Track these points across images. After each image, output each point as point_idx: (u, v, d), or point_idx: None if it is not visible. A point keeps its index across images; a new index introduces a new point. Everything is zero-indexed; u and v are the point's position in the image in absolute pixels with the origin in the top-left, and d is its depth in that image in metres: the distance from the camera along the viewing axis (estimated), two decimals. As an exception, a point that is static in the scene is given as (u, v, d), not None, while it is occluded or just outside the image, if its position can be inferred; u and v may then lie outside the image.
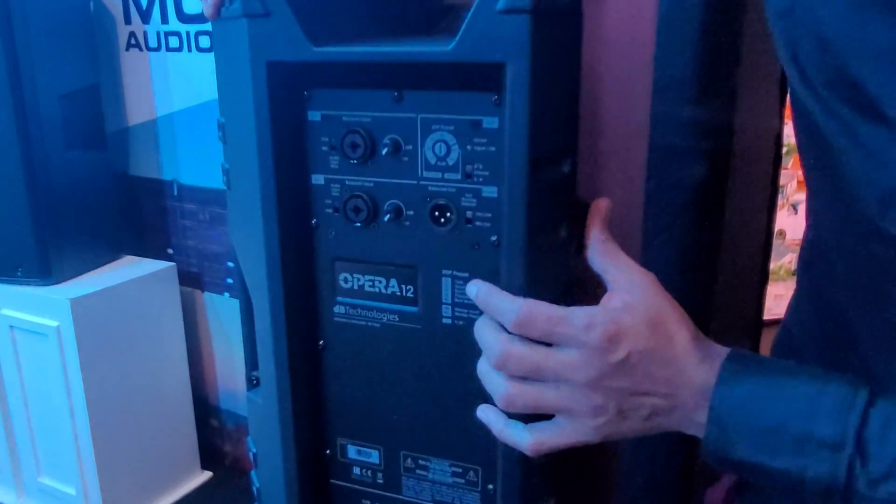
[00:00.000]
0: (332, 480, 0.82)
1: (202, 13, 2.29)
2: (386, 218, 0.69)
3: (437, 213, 0.67)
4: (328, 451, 0.81)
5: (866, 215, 0.57)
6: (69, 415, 2.44)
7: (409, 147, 0.66)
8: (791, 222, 2.92)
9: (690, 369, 0.61)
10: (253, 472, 1.00)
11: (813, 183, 0.70)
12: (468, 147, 0.64)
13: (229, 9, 0.68)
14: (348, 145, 0.68)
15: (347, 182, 0.69)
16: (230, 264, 2.66)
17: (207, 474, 2.90)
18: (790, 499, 0.66)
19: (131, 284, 2.53)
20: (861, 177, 0.57)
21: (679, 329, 0.62)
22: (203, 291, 2.77)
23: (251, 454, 0.99)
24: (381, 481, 0.79)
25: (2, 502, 2.79)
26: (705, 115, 1.34)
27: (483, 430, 0.70)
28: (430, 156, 0.66)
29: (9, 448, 2.71)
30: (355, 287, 0.73)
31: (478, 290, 0.66)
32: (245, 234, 0.80)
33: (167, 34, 2.55)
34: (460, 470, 0.75)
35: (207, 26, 2.44)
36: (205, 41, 2.47)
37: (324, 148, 0.69)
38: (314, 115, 0.69)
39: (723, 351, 0.62)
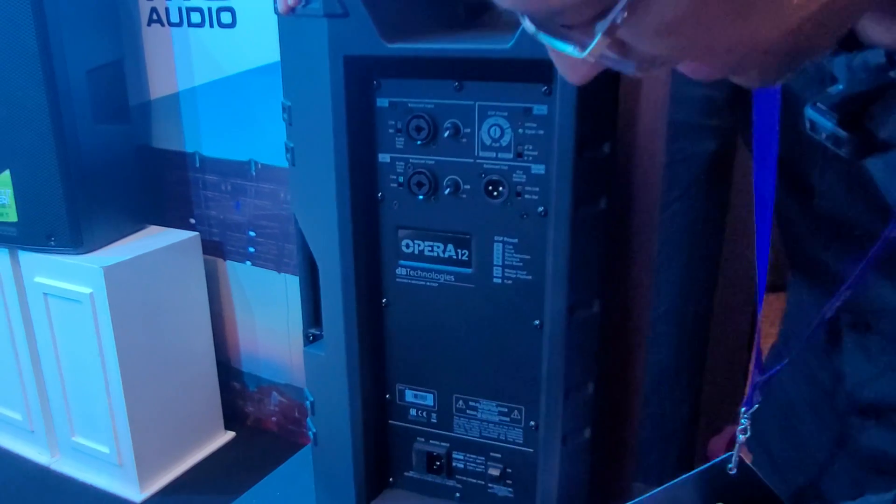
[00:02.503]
0: (390, 421, 0.92)
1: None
2: (446, 191, 0.79)
3: (490, 188, 0.78)
4: (388, 396, 0.91)
5: None
6: (102, 377, 2.54)
7: (468, 130, 0.76)
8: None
9: None
10: (309, 419, 1.10)
11: None
12: (520, 130, 0.74)
13: (307, 8, 0.78)
14: (413, 128, 0.78)
15: (411, 160, 0.80)
16: (251, 233, 2.75)
17: (230, 434, 3.02)
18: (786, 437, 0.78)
19: (158, 253, 2.63)
20: None
21: None
22: (225, 260, 2.87)
23: (308, 403, 1.09)
24: (434, 421, 0.90)
25: (36, 461, 2.89)
26: (716, 92, 1.45)
27: (526, 375, 0.82)
28: (486, 138, 0.76)
29: (42, 410, 2.81)
30: (416, 252, 0.83)
31: None
32: (313, 205, 0.91)
33: (189, 10, 2.62)
34: (506, 409, 0.86)
35: (229, 2, 2.51)
36: (226, 17, 2.54)
37: (390, 130, 0.79)
38: (382, 102, 0.79)
39: None
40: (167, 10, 2.64)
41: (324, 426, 1.05)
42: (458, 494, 0.92)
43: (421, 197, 0.80)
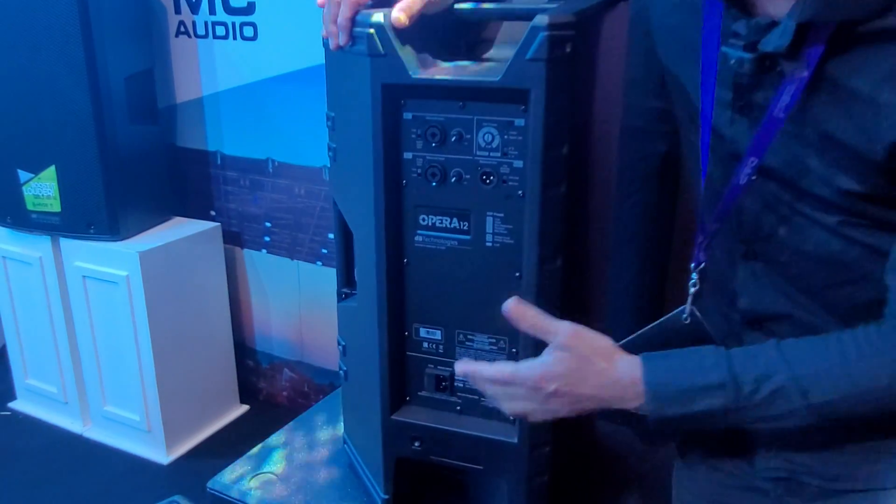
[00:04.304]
0: (407, 353, 1.23)
1: (245, 6, 2.65)
2: (452, 180, 1.10)
3: (484, 177, 1.08)
4: (406, 333, 1.22)
5: None
6: (135, 352, 2.81)
7: (468, 136, 1.07)
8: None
9: (612, 379, 0.97)
10: (340, 361, 1.41)
11: None
12: (505, 136, 1.05)
13: (354, 48, 1.09)
14: (429, 134, 1.09)
15: (427, 157, 1.10)
16: (267, 224, 3.02)
17: (245, 407, 3.31)
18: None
19: (184, 241, 2.91)
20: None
21: (595, 357, 0.98)
22: (243, 248, 3.14)
23: (340, 347, 1.39)
24: (441, 351, 1.20)
25: (69, 430, 3.15)
26: (664, 103, 1.75)
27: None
28: (482, 142, 1.07)
29: (76, 383, 3.07)
30: (430, 224, 1.14)
31: (463, 369, 1.05)
32: (351, 191, 1.22)
33: (214, 24, 2.89)
34: (495, 340, 1.17)
35: (252, 18, 2.79)
36: (249, 31, 2.82)
37: (413, 136, 1.10)
38: (407, 115, 1.10)
39: (635, 358, 0.98)
40: (194, 23, 2.92)
41: (354, 363, 1.36)
42: (458, 407, 1.22)
43: (434, 184, 1.11)
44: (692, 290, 1.09)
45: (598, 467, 1.40)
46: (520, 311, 1.02)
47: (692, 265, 1.10)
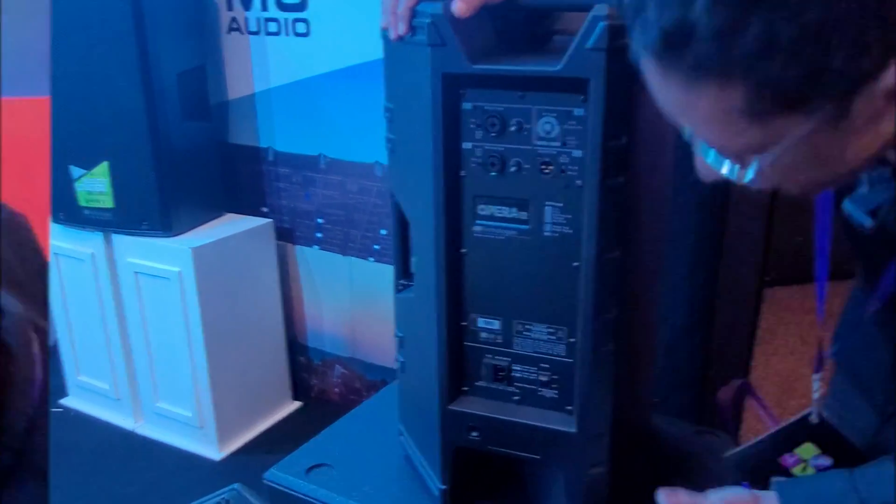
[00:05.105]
0: (465, 343, 1.23)
1: (298, 2, 2.67)
2: (511, 169, 1.10)
3: (543, 167, 1.08)
4: (464, 323, 1.22)
5: None
6: (187, 348, 2.84)
7: (528, 126, 1.07)
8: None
9: None
10: (398, 352, 1.41)
11: None
12: (564, 126, 1.05)
13: (414, 38, 1.09)
14: (489, 124, 1.09)
15: (486, 147, 1.11)
16: (319, 220, 3.04)
17: (298, 404, 3.34)
18: None
19: (236, 238, 2.94)
20: None
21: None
22: (294, 245, 3.17)
23: (397, 338, 1.40)
24: (499, 341, 1.21)
25: (121, 426, 3.20)
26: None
27: (568, 303, 1.12)
28: (541, 131, 1.07)
29: (129, 379, 3.11)
30: (488, 213, 1.14)
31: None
32: (410, 182, 1.22)
33: (266, 20, 2.92)
34: (553, 330, 1.16)
35: (305, 14, 2.82)
36: (301, 27, 2.84)
37: (472, 126, 1.10)
38: (467, 105, 1.10)
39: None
40: (246, 20, 2.95)
41: (411, 354, 1.36)
42: (516, 398, 1.22)
43: (493, 174, 1.11)
44: (816, 395, 1.12)
45: (655, 459, 1.40)
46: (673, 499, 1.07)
47: (814, 374, 1.13)
